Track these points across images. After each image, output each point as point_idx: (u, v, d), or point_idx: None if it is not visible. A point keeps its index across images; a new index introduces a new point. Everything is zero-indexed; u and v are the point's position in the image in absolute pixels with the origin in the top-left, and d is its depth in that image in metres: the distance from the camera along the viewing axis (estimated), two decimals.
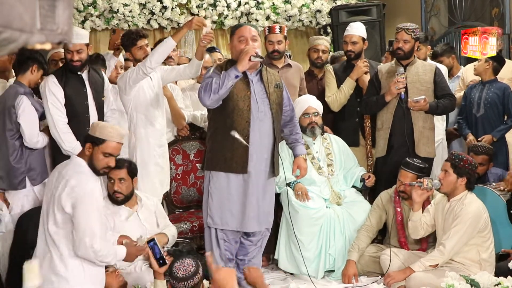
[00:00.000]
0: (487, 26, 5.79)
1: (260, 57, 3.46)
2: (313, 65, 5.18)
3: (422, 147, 4.42)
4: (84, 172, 3.01)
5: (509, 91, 4.80)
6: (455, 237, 3.62)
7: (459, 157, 3.72)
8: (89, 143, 3.06)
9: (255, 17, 7.14)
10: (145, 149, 4.17)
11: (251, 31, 3.55)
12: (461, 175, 3.69)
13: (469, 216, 3.63)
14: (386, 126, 4.46)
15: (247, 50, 3.42)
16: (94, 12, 6.75)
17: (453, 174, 3.69)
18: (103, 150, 3.05)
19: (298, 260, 4.15)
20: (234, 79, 3.40)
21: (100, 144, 3.05)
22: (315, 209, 4.20)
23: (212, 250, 3.64)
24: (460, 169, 3.69)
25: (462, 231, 3.62)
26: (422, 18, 7.26)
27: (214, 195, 3.59)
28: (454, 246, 3.63)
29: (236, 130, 3.51)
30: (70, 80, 3.89)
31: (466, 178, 3.70)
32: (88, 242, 2.91)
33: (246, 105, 3.52)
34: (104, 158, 3.06)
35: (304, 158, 3.89)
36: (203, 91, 3.43)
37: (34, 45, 0.93)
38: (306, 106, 4.43)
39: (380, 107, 4.46)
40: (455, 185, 3.71)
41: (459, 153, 3.78)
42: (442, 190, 3.76)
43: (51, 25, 0.95)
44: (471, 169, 3.71)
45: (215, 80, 3.40)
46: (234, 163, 3.54)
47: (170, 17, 6.94)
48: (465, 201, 3.68)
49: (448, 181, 3.71)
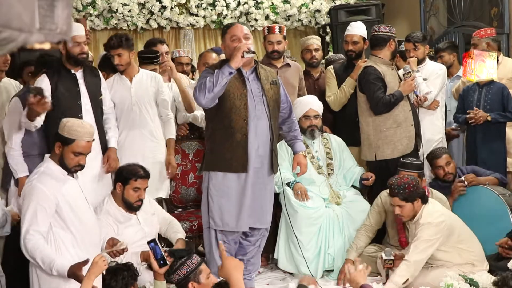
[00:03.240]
0: (486, 25, 5.80)
1: (253, 52, 3.45)
2: (309, 65, 5.18)
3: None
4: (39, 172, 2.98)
5: (507, 91, 4.80)
6: (415, 252, 3.64)
7: (401, 186, 3.70)
8: (58, 142, 3.02)
9: (254, 16, 7.14)
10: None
11: (243, 30, 3.53)
12: (413, 199, 3.71)
13: (425, 234, 3.64)
14: (408, 123, 4.41)
15: (239, 47, 3.41)
16: (93, 12, 6.74)
17: (406, 204, 3.71)
18: (73, 150, 3.02)
19: (297, 259, 4.15)
20: (228, 76, 3.39)
21: (70, 143, 3.01)
22: (314, 208, 4.20)
23: (212, 250, 3.63)
24: (409, 196, 3.69)
25: (421, 247, 3.63)
26: (421, 17, 7.26)
27: (214, 197, 3.58)
28: (418, 260, 3.63)
29: (234, 128, 3.50)
30: (63, 80, 3.84)
31: (418, 199, 3.72)
32: (23, 233, 2.87)
33: (243, 103, 3.51)
34: (74, 157, 3.03)
35: (304, 155, 3.88)
36: (198, 90, 3.43)
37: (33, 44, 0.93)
38: (307, 108, 4.42)
39: (396, 104, 4.39)
40: (414, 210, 3.73)
41: (396, 182, 3.73)
42: (405, 219, 3.79)
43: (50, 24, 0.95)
44: (416, 188, 3.72)
45: (209, 79, 3.39)
46: (234, 163, 3.53)
47: (169, 16, 6.94)
48: (421, 221, 3.69)
49: (407, 211, 3.72)
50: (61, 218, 2.97)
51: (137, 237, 3.65)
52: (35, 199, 2.91)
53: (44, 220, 2.92)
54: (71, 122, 3.09)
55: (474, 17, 6.48)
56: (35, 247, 2.87)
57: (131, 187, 3.62)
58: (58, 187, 2.98)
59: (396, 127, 4.39)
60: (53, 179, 2.99)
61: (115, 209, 3.63)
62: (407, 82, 4.36)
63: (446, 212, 3.90)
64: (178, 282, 2.91)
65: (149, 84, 4.27)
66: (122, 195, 3.63)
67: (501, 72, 4.92)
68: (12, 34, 0.89)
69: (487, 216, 4.12)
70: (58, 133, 3.06)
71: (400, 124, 4.39)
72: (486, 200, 4.14)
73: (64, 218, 2.97)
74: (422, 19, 7.26)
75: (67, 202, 2.98)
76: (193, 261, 2.91)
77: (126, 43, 4.17)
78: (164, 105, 4.33)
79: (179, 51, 5.48)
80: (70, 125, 3.06)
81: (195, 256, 2.96)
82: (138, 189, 3.63)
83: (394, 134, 4.40)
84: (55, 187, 2.97)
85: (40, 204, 2.90)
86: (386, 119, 4.39)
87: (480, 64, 4.43)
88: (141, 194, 3.65)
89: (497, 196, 4.09)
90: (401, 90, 4.37)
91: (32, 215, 2.89)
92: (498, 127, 4.82)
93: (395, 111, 4.39)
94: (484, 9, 6.35)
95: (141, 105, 4.23)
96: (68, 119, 3.12)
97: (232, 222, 3.60)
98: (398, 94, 4.36)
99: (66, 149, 3.02)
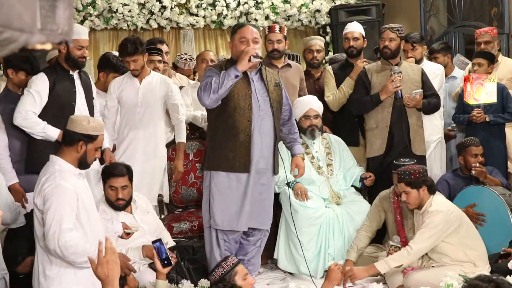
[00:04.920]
0: (486, 25, 5.79)
1: (260, 57, 3.47)
2: (310, 65, 5.19)
3: (417, 145, 4.51)
4: (56, 170, 2.97)
5: (507, 91, 4.80)
6: (420, 239, 3.64)
7: (406, 172, 3.74)
8: (82, 141, 3.02)
9: (254, 16, 7.13)
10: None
11: (253, 33, 3.53)
12: (419, 186, 3.72)
13: (434, 220, 3.64)
14: (384, 124, 4.48)
15: (247, 51, 3.42)
16: (93, 12, 6.74)
17: (412, 190, 3.72)
18: (96, 146, 3.05)
19: (297, 259, 4.15)
20: (234, 79, 3.40)
21: (95, 140, 3.04)
22: (314, 208, 4.20)
23: (213, 250, 3.64)
24: (414, 183, 3.71)
25: (427, 234, 3.63)
26: (421, 17, 7.26)
27: (215, 196, 3.59)
28: (421, 248, 3.64)
29: (238, 129, 3.51)
30: (61, 80, 3.84)
31: (425, 186, 3.73)
32: (56, 233, 2.85)
33: (247, 104, 3.52)
34: (96, 152, 3.07)
35: (302, 157, 3.89)
36: (202, 90, 3.43)
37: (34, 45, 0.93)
38: (307, 108, 4.42)
39: (374, 106, 4.48)
40: (420, 198, 3.74)
41: (403, 169, 3.78)
42: (411, 207, 3.79)
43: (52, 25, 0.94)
44: (423, 176, 3.74)
45: (215, 80, 3.40)
46: (236, 163, 3.53)
47: (169, 16, 6.94)
48: (430, 209, 3.71)
49: (412, 198, 3.74)
50: (76, 215, 2.97)
51: (136, 235, 3.63)
52: (62, 197, 2.90)
53: (72, 217, 2.92)
54: (91, 119, 3.13)
55: (474, 17, 6.48)
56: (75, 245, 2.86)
57: (108, 186, 3.60)
58: (76, 184, 3.00)
59: (375, 127, 4.52)
60: (71, 177, 3.00)
61: (106, 209, 3.63)
62: (386, 85, 4.38)
63: (455, 206, 3.90)
64: (214, 284, 2.93)
65: (158, 87, 4.27)
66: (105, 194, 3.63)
67: (500, 72, 4.92)
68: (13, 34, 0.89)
69: (487, 216, 4.12)
70: (79, 133, 3.03)
71: (378, 125, 4.51)
72: (486, 200, 4.14)
73: (79, 215, 2.97)
74: (422, 19, 7.25)
75: (82, 200, 2.99)
76: (229, 263, 2.93)
77: (142, 48, 4.18)
78: (174, 109, 4.34)
79: (184, 63, 5.66)
80: (92, 121, 3.09)
81: (231, 258, 2.98)
82: (114, 188, 3.58)
83: (372, 134, 4.55)
84: (75, 184, 2.99)
85: (67, 201, 2.90)
86: (370, 118, 4.56)
87: (478, 87, 4.47)
88: (119, 193, 3.57)
89: (497, 196, 4.09)
90: (379, 92, 4.42)
91: (61, 213, 2.88)
92: (498, 128, 4.82)
93: (377, 112, 4.49)
94: (484, 9, 6.35)
95: (146, 107, 4.24)
96: (79, 118, 3.12)
97: (233, 221, 3.60)
98: (374, 96, 4.46)
99: (90, 146, 3.03)
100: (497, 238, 3.97)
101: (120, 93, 4.24)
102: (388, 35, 4.49)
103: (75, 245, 2.87)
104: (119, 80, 4.29)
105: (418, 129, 4.55)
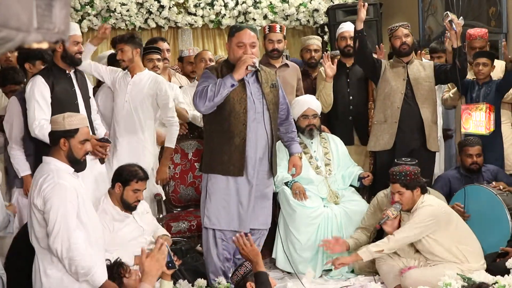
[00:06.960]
0: (484, 25, 5.80)
1: (256, 67, 3.46)
2: (307, 65, 5.19)
3: (432, 141, 4.54)
4: (52, 170, 2.96)
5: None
6: (404, 228, 3.71)
7: (402, 173, 3.76)
8: (62, 139, 3.01)
9: (253, 16, 7.14)
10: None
11: (250, 37, 3.51)
12: (413, 187, 3.76)
13: (422, 213, 3.70)
14: (393, 120, 4.49)
15: (245, 60, 3.41)
16: (91, 11, 6.74)
17: (406, 191, 3.76)
18: (79, 139, 3.03)
19: (295, 259, 4.15)
20: (230, 88, 3.40)
21: (75, 134, 3.03)
22: (312, 208, 4.20)
23: (210, 249, 3.64)
24: (409, 184, 3.75)
25: (413, 225, 3.69)
26: (419, 17, 7.26)
27: (212, 196, 3.59)
28: (404, 237, 3.70)
29: (233, 132, 3.50)
30: (59, 80, 3.80)
31: (419, 188, 3.77)
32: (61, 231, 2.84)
33: (243, 107, 3.51)
34: (82, 146, 3.04)
35: (300, 157, 3.89)
36: (198, 97, 3.42)
37: (31, 44, 0.93)
38: (305, 108, 4.42)
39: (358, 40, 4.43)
40: (413, 199, 3.78)
41: (399, 169, 3.80)
42: (404, 208, 3.81)
43: (48, 24, 0.95)
44: (417, 177, 3.78)
45: (211, 88, 3.39)
46: (231, 166, 3.53)
47: (167, 16, 6.94)
48: (420, 205, 3.75)
49: (406, 199, 3.77)
50: (77, 213, 2.95)
51: (134, 235, 3.65)
52: (63, 196, 2.89)
53: (74, 216, 2.91)
54: (65, 115, 3.09)
55: (472, 17, 6.48)
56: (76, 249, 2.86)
57: (131, 189, 3.61)
58: (73, 183, 2.99)
59: (383, 121, 4.53)
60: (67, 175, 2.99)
61: (111, 208, 3.63)
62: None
63: (446, 204, 3.96)
64: (237, 283, 2.97)
65: (146, 85, 4.22)
66: (121, 196, 3.63)
67: (494, 72, 4.91)
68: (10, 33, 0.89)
69: (484, 215, 4.12)
70: (59, 131, 3.04)
71: (386, 120, 4.51)
72: (484, 199, 4.15)
73: (79, 213, 2.95)
74: (420, 18, 7.26)
75: (81, 198, 2.98)
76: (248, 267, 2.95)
77: (130, 40, 4.21)
78: (164, 109, 4.27)
79: (189, 50, 5.61)
80: (67, 116, 3.06)
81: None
82: (137, 191, 3.62)
83: (379, 128, 4.55)
84: (72, 182, 2.98)
85: (68, 199, 2.90)
86: (379, 112, 4.57)
87: (466, 117, 4.49)
88: (140, 195, 3.65)
89: (495, 196, 4.10)
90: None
91: (64, 212, 2.87)
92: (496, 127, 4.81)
93: (386, 106, 4.50)
94: (482, 9, 6.35)
95: (132, 104, 4.21)
96: (56, 116, 3.11)
97: (229, 221, 3.60)
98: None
99: (73, 141, 3.02)
100: (495, 237, 3.98)
101: (113, 86, 4.28)
102: (402, 32, 4.54)
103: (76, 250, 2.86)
104: (115, 71, 4.32)
105: (433, 125, 4.56)
